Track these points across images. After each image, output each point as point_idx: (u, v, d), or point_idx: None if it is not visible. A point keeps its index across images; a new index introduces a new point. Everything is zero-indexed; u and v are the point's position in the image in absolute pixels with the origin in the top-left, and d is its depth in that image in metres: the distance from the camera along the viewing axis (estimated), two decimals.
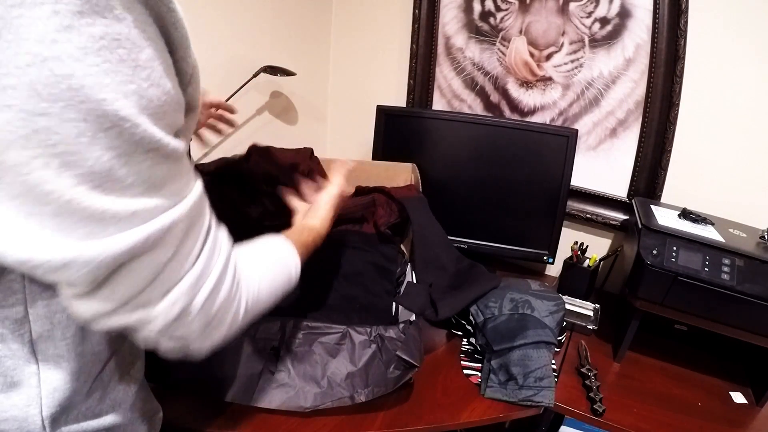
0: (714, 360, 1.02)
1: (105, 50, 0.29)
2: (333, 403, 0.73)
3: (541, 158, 1.16)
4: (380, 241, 1.03)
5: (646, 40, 1.10)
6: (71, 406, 0.46)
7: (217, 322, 0.43)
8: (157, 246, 0.35)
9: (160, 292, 0.38)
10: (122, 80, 0.30)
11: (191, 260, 0.39)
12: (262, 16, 1.32)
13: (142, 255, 0.35)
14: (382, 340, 0.76)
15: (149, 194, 0.34)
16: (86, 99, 0.29)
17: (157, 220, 0.35)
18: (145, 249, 0.34)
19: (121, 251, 0.33)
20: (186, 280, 0.39)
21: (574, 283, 1.18)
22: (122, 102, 0.30)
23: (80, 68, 0.28)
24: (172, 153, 0.36)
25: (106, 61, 0.29)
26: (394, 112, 1.27)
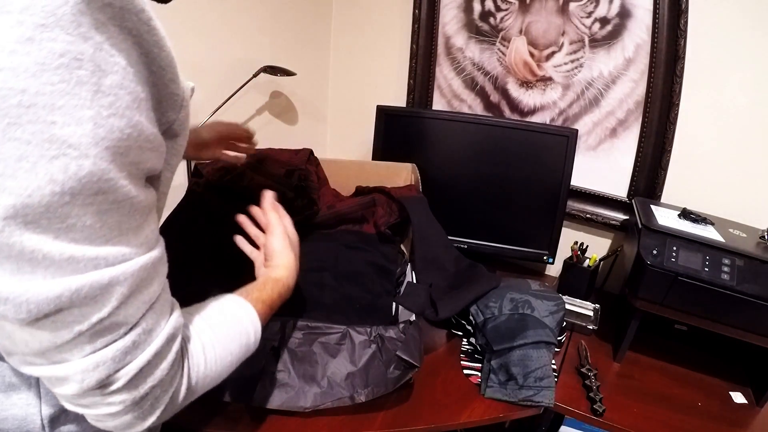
0: (714, 360, 1.02)
1: (63, 69, 0.27)
2: (333, 403, 0.73)
3: (541, 158, 1.16)
4: (380, 241, 1.03)
5: (646, 40, 1.10)
6: None
7: (148, 405, 0.38)
8: (90, 303, 0.32)
9: (81, 352, 0.33)
10: (77, 104, 0.28)
11: (127, 327, 0.35)
12: (262, 16, 1.32)
13: (70, 307, 0.31)
14: (382, 340, 0.76)
15: (90, 243, 0.31)
16: (35, 119, 0.26)
17: (94, 274, 0.31)
18: (74, 302, 0.31)
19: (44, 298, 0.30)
20: (114, 347, 0.34)
21: (574, 283, 1.18)
22: (73, 128, 0.28)
23: (34, 85, 0.26)
24: (128, 201, 0.32)
25: (63, 80, 0.27)
26: (394, 112, 1.27)
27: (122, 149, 0.31)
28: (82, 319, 0.32)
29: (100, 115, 0.29)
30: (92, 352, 0.34)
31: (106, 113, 0.29)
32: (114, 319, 0.34)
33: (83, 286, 0.31)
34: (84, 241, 0.31)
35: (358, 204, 1.06)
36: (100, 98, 0.29)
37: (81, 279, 0.31)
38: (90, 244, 0.31)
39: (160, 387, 0.38)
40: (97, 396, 0.35)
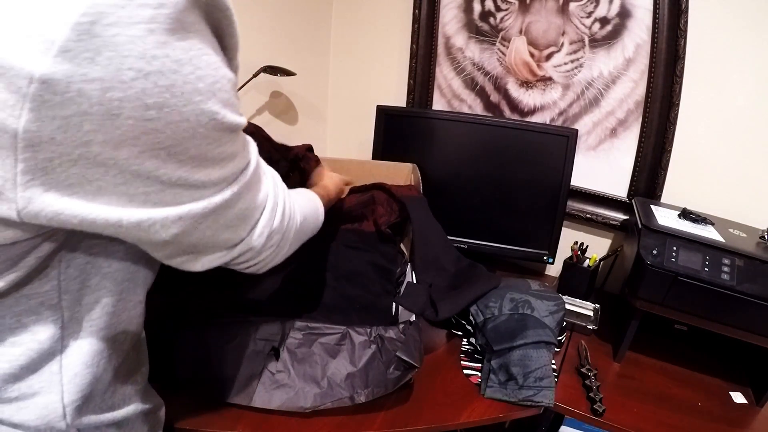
0: (714, 360, 1.02)
1: (195, 59, 0.34)
2: (333, 404, 0.73)
3: (541, 158, 1.16)
4: (380, 241, 1.03)
5: (646, 40, 1.10)
6: (89, 396, 0.47)
7: (286, 238, 0.53)
8: (243, 194, 0.43)
9: (249, 226, 0.46)
10: (211, 82, 0.35)
11: (264, 197, 0.48)
12: (262, 16, 1.32)
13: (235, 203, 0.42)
14: (382, 341, 0.76)
15: (233, 161, 0.41)
16: (187, 102, 0.33)
17: (242, 176, 0.42)
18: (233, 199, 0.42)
19: (218, 203, 0.40)
20: (266, 214, 0.48)
21: (574, 283, 1.18)
22: (212, 100, 0.35)
23: (179, 78, 0.32)
24: (242, 127, 0.42)
25: (197, 68, 0.34)
26: (394, 112, 1.27)
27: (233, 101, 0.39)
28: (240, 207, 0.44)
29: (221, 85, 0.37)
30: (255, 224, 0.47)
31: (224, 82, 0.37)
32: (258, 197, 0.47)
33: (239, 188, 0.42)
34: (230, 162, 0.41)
35: (357, 202, 1.06)
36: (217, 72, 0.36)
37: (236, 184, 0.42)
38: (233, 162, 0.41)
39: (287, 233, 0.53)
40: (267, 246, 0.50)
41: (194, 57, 0.34)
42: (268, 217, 0.49)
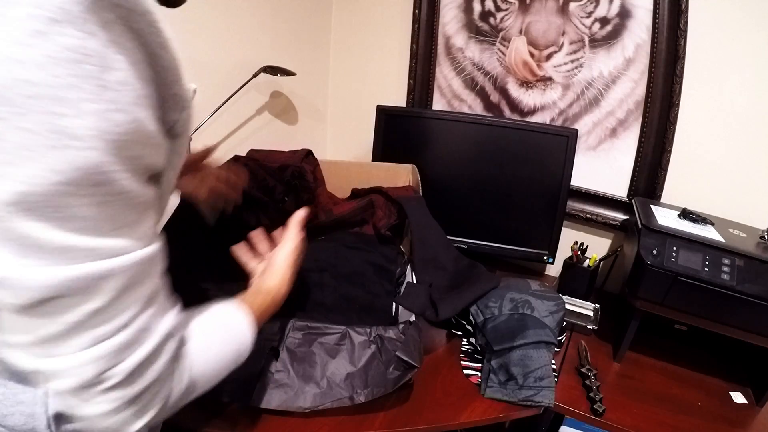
0: (714, 360, 1.02)
1: (71, 63, 0.28)
2: (332, 404, 0.73)
3: (541, 158, 1.16)
4: (380, 243, 1.03)
5: (646, 40, 1.10)
6: None
7: (142, 404, 0.38)
8: (84, 294, 0.33)
9: (78, 346, 0.34)
10: (83, 97, 0.28)
11: (122, 322, 0.35)
12: (262, 16, 1.32)
13: (65, 296, 0.32)
14: (382, 341, 0.76)
15: (88, 234, 0.32)
16: (41, 110, 0.27)
17: (90, 265, 0.32)
18: (69, 291, 0.32)
19: (41, 284, 0.31)
20: (110, 342, 0.35)
21: (574, 283, 1.18)
22: (78, 121, 0.28)
23: (42, 76, 0.27)
24: (126, 194, 0.33)
25: (70, 74, 0.28)
26: (394, 112, 1.27)
27: (124, 143, 0.31)
28: (76, 309, 0.33)
29: (104, 110, 0.30)
30: (88, 346, 0.34)
31: (110, 107, 0.30)
32: (109, 314, 0.35)
33: (79, 276, 0.32)
34: (82, 231, 0.31)
35: (356, 207, 1.06)
36: (105, 93, 0.29)
37: (77, 269, 0.32)
38: (87, 235, 0.32)
39: (155, 385, 0.39)
40: (93, 393, 0.36)
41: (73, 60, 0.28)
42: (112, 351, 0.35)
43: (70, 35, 0.28)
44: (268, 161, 1.08)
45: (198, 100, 1.22)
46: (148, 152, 0.35)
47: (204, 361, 0.45)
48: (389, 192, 1.06)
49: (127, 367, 0.36)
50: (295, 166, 1.08)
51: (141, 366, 0.37)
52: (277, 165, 1.07)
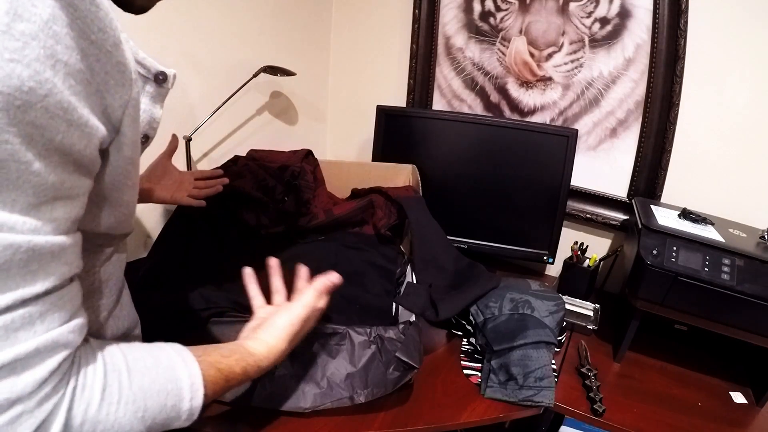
0: (714, 360, 1.02)
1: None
2: (332, 404, 0.73)
3: (541, 158, 1.16)
4: (380, 243, 1.03)
5: (646, 40, 1.10)
6: None
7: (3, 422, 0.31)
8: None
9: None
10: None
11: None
12: (262, 16, 1.32)
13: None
14: (382, 341, 0.76)
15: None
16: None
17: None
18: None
19: None
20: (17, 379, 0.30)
21: (574, 283, 1.18)
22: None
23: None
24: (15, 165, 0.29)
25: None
26: (394, 112, 1.27)
27: (18, 102, 0.28)
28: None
29: (0, 56, 0.26)
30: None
31: (8, 56, 0.27)
32: None
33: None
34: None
35: (356, 208, 1.06)
36: (6, 40, 0.27)
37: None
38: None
39: (19, 405, 0.31)
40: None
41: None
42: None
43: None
44: (268, 161, 1.08)
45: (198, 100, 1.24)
46: (60, 128, 0.30)
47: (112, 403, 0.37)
48: (389, 192, 1.06)
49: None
50: (295, 166, 1.08)
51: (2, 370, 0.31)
52: (277, 165, 1.07)
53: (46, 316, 0.33)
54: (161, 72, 0.43)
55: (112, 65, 0.34)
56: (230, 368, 0.48)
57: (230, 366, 0.48)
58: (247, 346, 0.53)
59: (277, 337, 0.56)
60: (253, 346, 0.53)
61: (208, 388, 0.44)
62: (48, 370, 0.33)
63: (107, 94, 0.35)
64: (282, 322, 0.57)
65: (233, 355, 0.50)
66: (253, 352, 0.52)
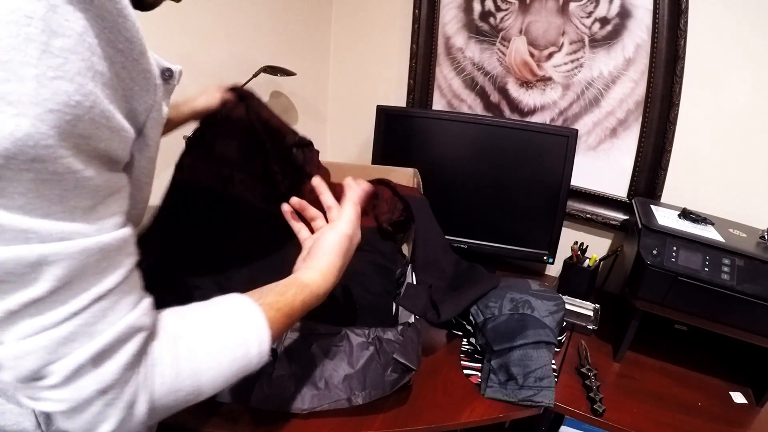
0: (714, 360, 1.02)
1: (12, 24, 0.26)
2: (330, 405, 0.73)
3: (541, 158, 1.16)
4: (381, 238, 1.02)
5: (646, 40, 1.10)
6: None
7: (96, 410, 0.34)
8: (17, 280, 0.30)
9: (14, 335, 0.31)
10: (22, 61, 0.26)
11: (67, 313, 0.32)
12: (262, 16, 1.32)
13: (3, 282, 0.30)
14: (380, 342, 0.76)
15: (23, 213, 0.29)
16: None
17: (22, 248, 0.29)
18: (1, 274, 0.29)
19: None
20: (47, 335, 0.32)
21: (574, 283, 1.18)
22: (14, 85, 0.26)
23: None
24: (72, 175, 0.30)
25: (10, 36, 0.26)
26: (394, 113, 1.27)
27: (68, 117, 0.29)
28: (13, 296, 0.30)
29: (45, 75, 0.27)
30: (25, 337, 0.31)
31: (52, 74, 0.28)
32: (52, 303, 0.31)
33: (7, 259, 0.29)
34: (15, 209, 0.29)
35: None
36: (47, 58, 0.27)
37: (6, 251, 0.29)
38: (22, 214, 0.29)
39: (109, 392, 0.34)
40: (37, 389, 0.33)
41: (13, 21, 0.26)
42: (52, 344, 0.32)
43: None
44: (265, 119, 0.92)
45: None
46: (104, 135, 0.32)
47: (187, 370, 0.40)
48: (398, 189, 1.04)
49: (67, 365, 0.32)
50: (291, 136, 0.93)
51: (86, 366, 0.33)
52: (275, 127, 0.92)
53: (117, 305, 0.35)
54: (167, 68, 0.43)
55: (138, 72, 0.36)
56: (289, 305, 0.49)
57: (288, 303, 0.49)
58: (301, 279, 0.53)
59: (328, 260, 0.56)
60: (307, 276, 0.54)
61: (273, 330, 0.46)
62: (129, 355, 0.35)
63: (132, 99, 0.36)
64: (329, 243, 0.56)
65: (289, 291, 0.50)
66: (308, 283, 0.53)
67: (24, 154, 0.27)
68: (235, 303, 0.46)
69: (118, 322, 0.35)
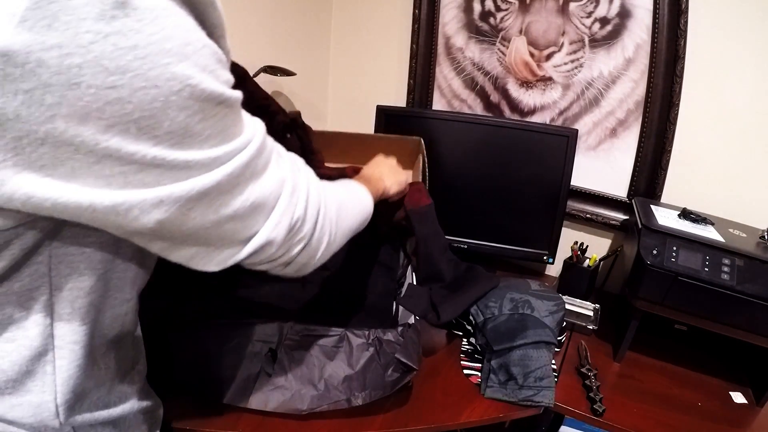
0: (714, 360, 1.02)
1: (160, 19, 0.31)
2: (329, 406, 0.73)
3: (541, 158, 1.16)
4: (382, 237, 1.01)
5: (646, 40, 1.10)
6: (84, 394, 0.46)
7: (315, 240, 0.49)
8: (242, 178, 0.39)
9: (263, 219, 0.43)
10: (180, 43, 0.32)
11: (278, 182, 0.44)
12: (262, 16, 1.32)
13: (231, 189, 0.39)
14: (380, 343, 0.76)
15: (224, 142, 0.37)
16: (153, 66, 0.30)
17: (235, 160, 0.38)
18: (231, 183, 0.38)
19: (207, 186, 0.36)
20: (282, 200, 0.44)
21: (574, 283, 1.18)
22: (185, 63, 0.32)
23: (142, 38, 0.30)
24: (235, 103, 0.38)
25: (162, 28, 0.31)
26: (394, 112, 1.27)
27: (216, 70, 0.36)
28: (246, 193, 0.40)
29: (196, 49, 0.33)
30: (269, 214, 0.43)
31: (199, 45, 0.34)
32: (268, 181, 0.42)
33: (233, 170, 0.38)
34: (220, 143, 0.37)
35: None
36: (191, 35, 0.33)
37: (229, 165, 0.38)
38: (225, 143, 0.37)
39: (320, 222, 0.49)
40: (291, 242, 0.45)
41: (159, 17, 0.31)
42: (286, 204, 0.44)
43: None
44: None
45: None
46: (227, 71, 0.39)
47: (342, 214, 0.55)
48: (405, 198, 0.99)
49: (300, 206, 0.46)
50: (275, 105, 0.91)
51: (308, 204, 0.47)
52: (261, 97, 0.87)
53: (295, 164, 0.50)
54: None
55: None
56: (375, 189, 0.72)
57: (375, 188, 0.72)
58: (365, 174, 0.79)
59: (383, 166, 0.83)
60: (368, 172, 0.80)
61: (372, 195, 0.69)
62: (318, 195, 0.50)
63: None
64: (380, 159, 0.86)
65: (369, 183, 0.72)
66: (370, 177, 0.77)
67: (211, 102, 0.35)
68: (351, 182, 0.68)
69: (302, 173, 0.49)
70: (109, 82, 0.29)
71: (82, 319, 0.44)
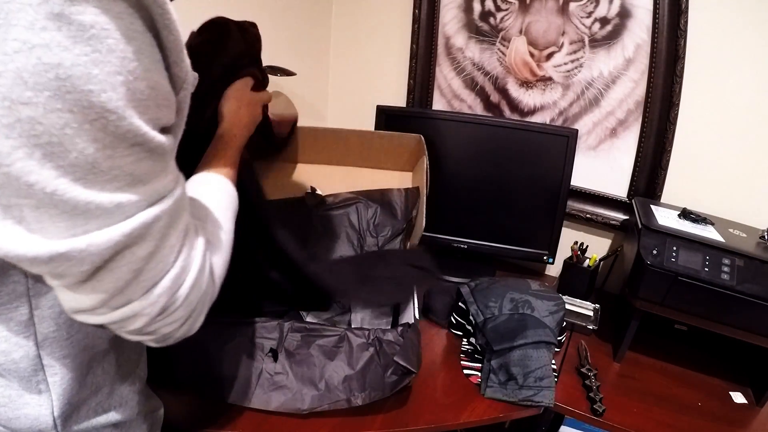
0: (714, 360, 1.02)
1: (95, 39, 0.28)
2: (330, 406, 0.73)
3: (541, 158, 1.16)
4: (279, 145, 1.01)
5: (646, 40, 1.10)
6: (81, 403, 0.46)
7: (197, 311, 0.43)
8: (139, 241, 0.35)
9: (143, 289, 0.37)
10: (110, 71, 0.29)
11: (173, 257, 0.38)
12: (262, 16, 1.31)
13: (123, 250, 0.34)
14: (380, 344, 0.76)
15: (132, 189, 0.33)
16: (73, 89, 0.28)
17: (140, 215, 0.34)
18: (127, 244, 0.34)
19: (104, 246, 0.32)
20: (168, 275, 0.38)
21: (574, 283, 1.18)
22: (110, 94, 0.29)
23: (69, 57, 0.27)
24: (157, 148, 0.34)
25: (95, 50, 0.28)
26: (394, 112, 1.27)
27: (147, 107, 0.33)
28: (135, 258, 0.35)
29: (128, 80, 0.31)
30: (152, 286, 0.37)
31: (132, 78, 0.31)
32: (162, 252, 0.37)
33: (134, 227, 0.34)
34: (127, 188, 0.33)
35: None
36: (127, 63, 0.30)
37: (131, 222, 0.33)
38: (132, 191, 0.33)
39: (205, 294, 0.43)
40: (161, 321, 0.39)
41: (94, 37, 0.28)
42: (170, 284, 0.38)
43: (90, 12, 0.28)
44: None
45: None
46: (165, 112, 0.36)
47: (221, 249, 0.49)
48: None
49: (185, 289, 0.40)
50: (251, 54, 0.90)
51: (195, 284, 0.41)
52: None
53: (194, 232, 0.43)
54: None
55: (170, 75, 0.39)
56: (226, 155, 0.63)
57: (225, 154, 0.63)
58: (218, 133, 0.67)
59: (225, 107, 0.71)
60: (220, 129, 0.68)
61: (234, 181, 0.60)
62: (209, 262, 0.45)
63: None
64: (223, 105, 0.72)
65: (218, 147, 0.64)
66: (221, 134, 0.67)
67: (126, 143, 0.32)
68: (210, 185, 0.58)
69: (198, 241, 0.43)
70: (25, 97, 0.27)
71: (68, 333, 0.44)
